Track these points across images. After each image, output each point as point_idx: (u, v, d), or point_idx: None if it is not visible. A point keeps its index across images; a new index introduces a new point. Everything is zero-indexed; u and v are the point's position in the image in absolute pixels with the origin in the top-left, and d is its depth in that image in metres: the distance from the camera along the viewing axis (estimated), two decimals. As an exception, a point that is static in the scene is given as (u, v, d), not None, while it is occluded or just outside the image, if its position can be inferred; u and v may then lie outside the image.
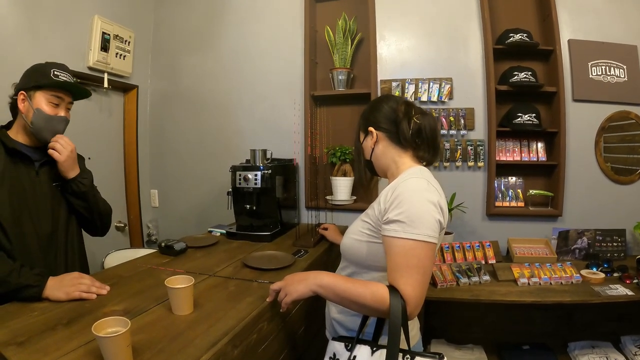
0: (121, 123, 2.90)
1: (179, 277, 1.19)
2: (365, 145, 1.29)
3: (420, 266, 1.00)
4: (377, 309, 1.01)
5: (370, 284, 1.05)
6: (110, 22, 2.53)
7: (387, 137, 1.23)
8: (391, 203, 1.07)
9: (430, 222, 1.02)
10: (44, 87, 1.39)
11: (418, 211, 1.02)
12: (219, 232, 2.25)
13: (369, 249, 1.17)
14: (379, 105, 1.27)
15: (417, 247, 1.00)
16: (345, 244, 1.26)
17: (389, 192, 1.11)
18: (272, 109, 2.74)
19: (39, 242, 1.40)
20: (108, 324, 0.90)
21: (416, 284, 0.99)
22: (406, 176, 1.14)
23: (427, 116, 1.22)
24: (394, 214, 1.04)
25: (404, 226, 1.01)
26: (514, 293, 1.86)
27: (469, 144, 2.41)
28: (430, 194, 1.06)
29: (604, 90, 2.35)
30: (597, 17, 2.35)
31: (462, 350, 2.22)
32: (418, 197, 1.05)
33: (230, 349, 1.02)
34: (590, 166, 2.37)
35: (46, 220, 1.43)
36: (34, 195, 1.40)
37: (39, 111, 1.38)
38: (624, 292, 1.83)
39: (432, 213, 1.03)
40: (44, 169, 1.46)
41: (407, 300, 0.98)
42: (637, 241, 2.33)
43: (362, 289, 1.03)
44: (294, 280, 1.16)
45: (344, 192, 2.49)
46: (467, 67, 2.44)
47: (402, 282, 0.99)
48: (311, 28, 2.60)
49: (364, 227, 1.19)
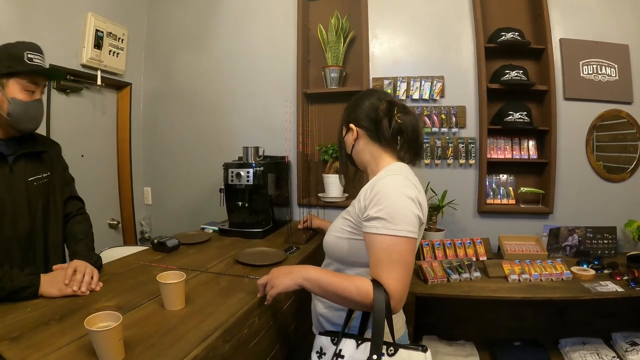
0: (114, 121, 2.90)
1: (171, 272, 1.20)
2: (347, 140, 1.30)
3: (403, 261, 1.02)
4: (361, 303, 1.03)
5: (355, 278, 1.06)
6: (103, 20, 2.53)
7: (367, 134, 1.24)
8: (371, 200, 1.08)
9: (409, 218, 1.04)
10: (18, 74, 1.29)
11: (397, 207, 1.04)
12: (211, 229, 2.26)
13: (350, 246, 1.18)
14: (361, 102, 1.27)
15: (398, 243, 1.02)
16: (328, 241, 1.28)
17: (368, 189, 1.12)
18: (265, 107, 2.74)
19: (18, 243, 1.36)
20: (100, 319, 0.91)
21: (399, 277, 1.01)
22: (384, 173, 1.15)
23: (410, 115, 1.21)
24: (374, 211, 1.06)
25: (385, 223, 1.03)
26: (504, 289, 1.87)
27: (460, 141, 2.42)
28: (408, 189, 1.08)
29: (595, 89, 2.36)
30: (589, 16, 2.37)
31: (454, 346, 2.23)
32: (397, 194, 1.06)
33: (221, 343, 1.03)
34: (581, 164, 2.39)
35: (23, 219, 1.37)
36: (9, 194, 1.33)
37: (14, 101, 1.28)
38: (614, 289, 1.84)
39: (411, 209, 1.05)
40: (18, 164, 1.38)
41: (390, 294, 1.00)
42: (628, 238, 2.34)
43: (346, 283, 1.04)
44: (280, 274, 1.17)
45: (336, 189, 2.50)
46: (459, 66, 2.45)
47: (386, 277, 1.01)
48: (304, 26, 2.61)
49: (344, 224, 1.20)
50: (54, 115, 2.30)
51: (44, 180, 1.46)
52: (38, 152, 1.46)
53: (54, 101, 2.32)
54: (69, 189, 1.61)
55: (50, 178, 1.48)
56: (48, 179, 1.48)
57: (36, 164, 1.45)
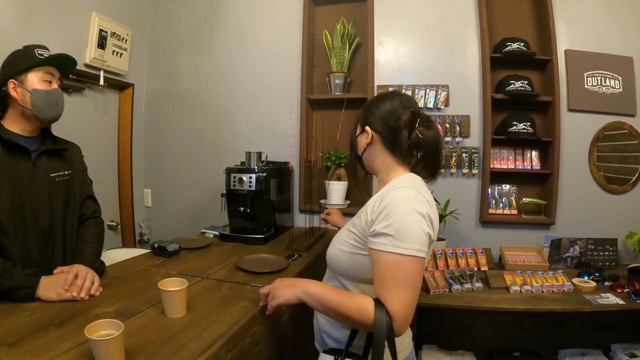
0: (116, 121, 2.88)
1: (172, 279, 1.18)
2: (359, 141, 1.21)
3: (409, 281, 0.96)
4: (361, 323, 0.98)
5: (357, 296, 1.01)
6: (107, 20, 2.51)
7: (382, 142, 1.15)
8: (378, 214, 1.01)
9: (419, 236, 0.97)
10: (33, 68, 1.37)
11: (406, 224, 0.97)
12: (212, 233, 2.24)
13: (353, 261, 1.11)
14: (382, 104, 1.17)
15: (405, 262, 0.96)
16: (331, 254, 1.21)
17: (377, 201, 1.05)
18: (268, 112, 2.74)
19: (38, 235, 1.38)
20: (101, 327, 0.90)
21: (404, 300, 0.95)
22: (395, 185, 1.07)
23: (432, 130, 1.12)
24: (380, 226, 0.99)
25: (392, 240, 0.96)
26: (506, 300, 1.86)
27: (463, 151, 2.42)
28: (420, 205, 1.00)
29: (599, 100, 2.37)
30: (594, 28, 2.38)
31: (453, 356, 2.23)
32: (406, 209, 0.99)
33: (223, 352, 1.01)
34: (584, 175, 2.39)
35: (44, 212, 1.40)
36: (32, 188, 1.38)
37: (36, 91, 1.36)
38: (614, 301, 1.84)
39: (421, 226, 0.98)
40: (41, 160, 1.43)
41: (393, 317, 0.94)
42: (629, 250, 2.35)
43: (347, 301, 1.00)
44: (282, 285, 1.14)
45: (338, 196, 2.49)
46: (464, 75, 2.45)
47: (390, 298, 0.95)
48: (309, 31, 2.60)
49: (349, 237, 1.12)
50: (56, 115, 2.28)
51: (65, 178, 1.50)
52: (59, 149, 1.51)
53: (56, 101, 2.30)
54: (87, 189, 1.64)
55: (71, 176, 1.53)
56: (69, 176, 1.52)
57: (58, 161, 1.50)
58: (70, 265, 1.35)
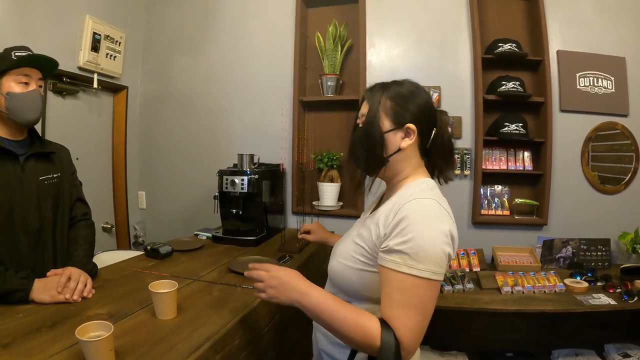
0: (110, 124, 2.89)
1: (163, 281, 1.19)
2: (393, 140, 1.01)
3: (421, 306, 0.86)
4: (365, 346, 0.87)
5: (362, 315, 0.89)
6: (101, 22, 2.52)
7: (418, 141, 1.02)
8: (393, 228, 0.90)
9: (438, 256, 0.86)
10: (8, 70, 1.36)
11: (426, 242, 0.86)
12: (205, 235, 2.25)
13: (362, 279, 1.00)
14: (417, 96, 1.02)
15: (419, 285, 0.86)
16: (335, 269, 1.08)
17: (391, 213, 0.93)
18: (262, 114, 2.74)
19: (28, 239, 1.39)
20: (91, 328, 0.91)
21: (415, 326, 0.85)
22: (410, 193, 0.95)
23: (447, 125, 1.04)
24: (395, 242, 0.88)
25: (406, 259, 0.86)
26: (497, 301, 1.87)
27: (455, 152, 2.42)
28: (442, 221, 0.89)
29: (592, 101, 2.37)
30: (586, 28, 2.38)
31: (446, 357, 2.23)
32: (427, 225, 0.88)
33: (211, 354, 1.02)
34: (576, 176, 2.39)
35: (34, 216, 1.41)
36: (21, 191, 1.38)
37: (10, 95, 1.35)
38: (607, 302, 1.84)
39: (442, 245, 0.87)
40: (29, 164, 1.43)
41: (401, 343, 0.84)
42: (622, 251, 2.35)
43: (351, 321, 0.88)
44: (280, 284, 0.97)
45: (331, 197, 2.50)
46: (456, 76, 2.45)
47: (399, 323, 0.85)
48: (302, 33, 2.61)
49: (357, 252, 1.01)
50: (50, 118, 2.29)
51: (55, 180, 1.51)
52: (47, 152, 1.51)
53: (50, 103, 2.31)
54: (77, 192, 1.64)
55: (60, 179, 1.53)
56: (58, 179, 1.52)
57: (47, 164, 1.50)
58: (63, 267, 1.36)
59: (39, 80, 1.44)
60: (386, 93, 1.02)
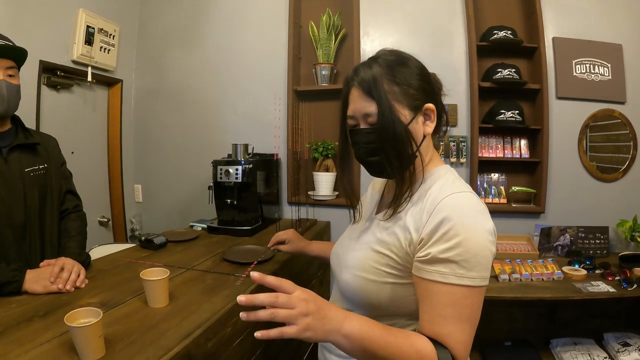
0: (105, 117, 2.88)
1: (154, 269, 1.19)
2: (416, 128, 0.86)
3: (473, 317, 0.76)
4: None
5: (411, 338, 0.75)
6: (94, 16, 2.51)
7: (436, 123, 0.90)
8: (433, 232, 0.77)
9: (487, 260, 0.76)
10: None
11: (474, 246, 0.74)
12: (200, 226, 2.25)
13: (393, 294, 0.86)
14: (426, 72, 0.90)
15: (470, 295, 0.75)
16: (352, 285, 0.91)
17: (424, 214, 0.81)
18: (256, 104, 2.73)
19: (13, 232, 1.37)
20: (81, 315, 0.91)
21: (467, 338, 0.75)
22: (441, 185, 0.84)
23: (437, 80, 0.96)
24: (439, 250, 0.76)
25: (455, 268, 0.74)
26: (494, 289, 1.85)
27: (451, 140, 2.41)
28: (485, 218, 0.78)
29: (588, 88, 2.35)
30: (582, 15, 2.36)
31: (443, 347, 2.21)
32: (473, 226, 0.75)
33: (203, 341, 1.02)
34: (574, 163, 2.37)
35: (19, 209, 1.39)
36: (4, 184, 1.36)
37: None
38: (605, 289, 1.83)
39: (490, 246, 0.76)
40: (13, 155, 1.40)
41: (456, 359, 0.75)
42: (620, 238, 2.33)
43: (405, 347, 0.73)
44: (319, 308, 0.72)
45: (326, 187, 2.49)
46: (451, 64, 2.43)
47: (454, 341, 0.74)
48: (295, 23, 2.59)
49: (380, 263, 0.86)
50: (44, 111, 2.29)
51: (41, 172, 1.48)
52: (32, 144, 1.48)
53: (44, 97, 2.30)
54: (67, 183, 1.62)
55: (47, 170, 1.50)
56: (45, 170, 1.49)
57: (32, 156, 1.47)
58: (57, 258, 1.35)
59: (7, 69, 1.38)
60: (386, 76, 0.84)
